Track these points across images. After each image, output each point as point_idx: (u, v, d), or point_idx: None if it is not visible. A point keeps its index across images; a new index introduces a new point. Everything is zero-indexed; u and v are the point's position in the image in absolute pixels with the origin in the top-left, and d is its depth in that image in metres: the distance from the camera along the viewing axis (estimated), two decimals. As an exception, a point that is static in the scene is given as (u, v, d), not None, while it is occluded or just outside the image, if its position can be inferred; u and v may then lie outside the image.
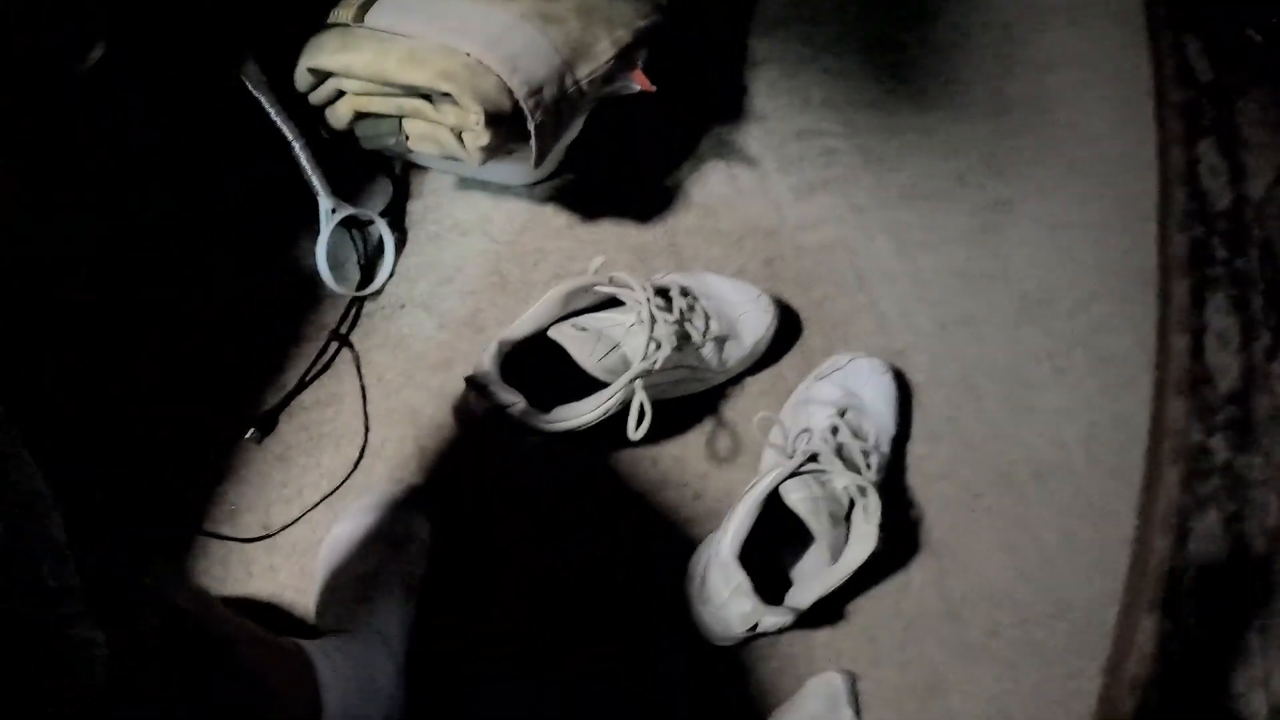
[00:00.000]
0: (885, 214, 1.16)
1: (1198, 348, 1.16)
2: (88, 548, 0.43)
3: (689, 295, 0.93)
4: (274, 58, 0.96)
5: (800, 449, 0.86)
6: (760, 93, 1.22)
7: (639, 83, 0.96)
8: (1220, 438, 1.11)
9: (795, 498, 0.82)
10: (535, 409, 0.84)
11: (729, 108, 1.20)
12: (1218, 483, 1.08)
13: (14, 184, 0.96)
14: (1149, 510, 1.06)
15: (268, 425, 0.96)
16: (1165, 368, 1.14)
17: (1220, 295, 1.21)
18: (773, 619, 0.80)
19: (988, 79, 1.29)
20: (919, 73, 1.28)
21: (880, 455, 0.92)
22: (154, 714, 0.50)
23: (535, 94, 0.88)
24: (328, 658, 0.73)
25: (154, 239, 1.02)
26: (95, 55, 0.84)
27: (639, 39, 0.96)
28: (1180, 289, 1.20)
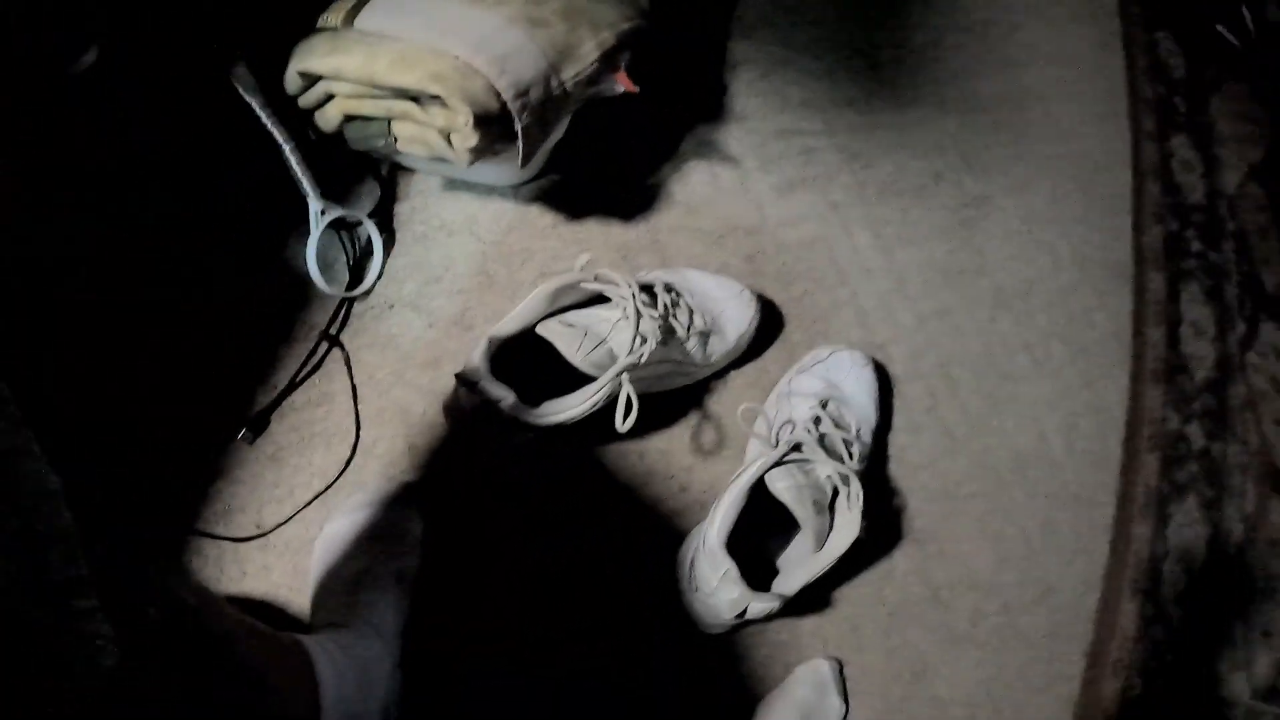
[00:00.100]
0: (864, 211, 1.17)
1: (1173, 338, 1.17)
2: (93, 542, 0.43)
3: (673, 291, 0.94)
4: (264, 61, 0.97)
5: (784, 439, 0.87)
6: (740, 93, 1.23)
7: (622, 84, 0.97)
8: (1197, 425, 1.13)
9: (780, 486, 0.83)
10: (524, 404, 0.85)
11: (710, 108, 1.21)
12: (1195, 469, 1.10)
13: (14, 184, 0.95)
14: (1128, 497, 1.07)
15: (260, 425, 0.96)
16: (1142, 358, 1.15)
17: (1195, 286, 1.23)
18: (760, 605, 0.81)
19: (963, 78, 1.30)
20: (896, 72, 1.29)
21: (862, 445, 0.93)
22: (158, 708, 0.50)
23: (522, 96, 0.88)
24: (325, 652, 0.73)
25: (145, 241, 1.02)
26: (88, 59, 0.85)
27: (622, 41, 0.97)
28: (1155, 281, 1.21)
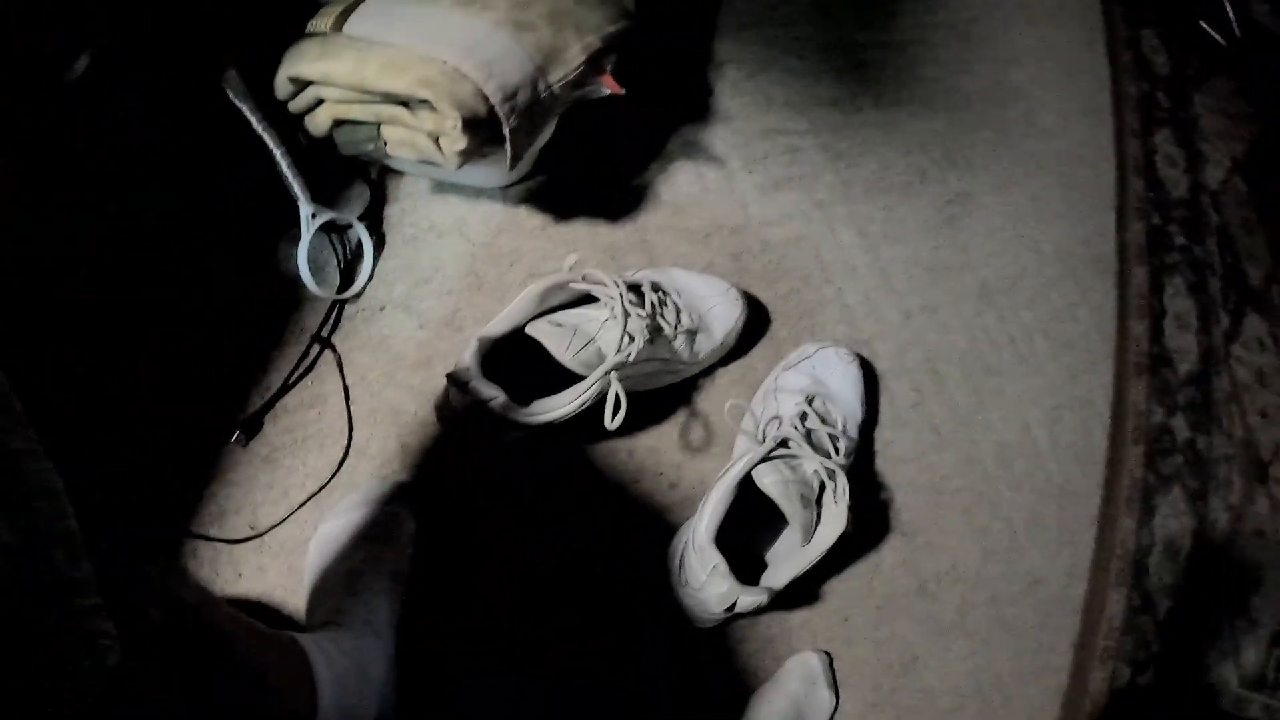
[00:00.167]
0: (849, 209, 1.18)
1: (1157, 331, 1.19)
2: (95, 542, 0.43)
3: (660, 290, 0.95)
4: (255, 67, 0.97)
5: (771, 435, 0.88)
6: (726, 93, 1.24)
7: (608, 86, 0.97)
8: (1181, 418, 1.14)
9: (767, 481, 0.84)
10: (514, 403, 0.85)
11: (696, 109, 1.22)
12: (1180, 461, 1.11)
13: (13, 184, 0.95)
14: (1113, 489, 1.08)
15: (253, 428, 0.96)
16: (1125, 351, 1.17)
17: (1179, 280, 1.24)
18: (749, 598, 0.82)
19: (947, 76, 1.31)
20: (879, 71, 1.31)
21: (848, 440, 0.94)
22: (159, 706, 0.51)
23: (510, 99, 0.89)
24: (321, 650, 0.74)
25: (138, 245, 1.02)
26: (82, 66, 0.85)
27: (608, 44, 0.97)
28: (1139, 275, 1.22)
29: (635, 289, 0.93)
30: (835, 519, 0.84)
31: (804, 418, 0.92)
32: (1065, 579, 1.03)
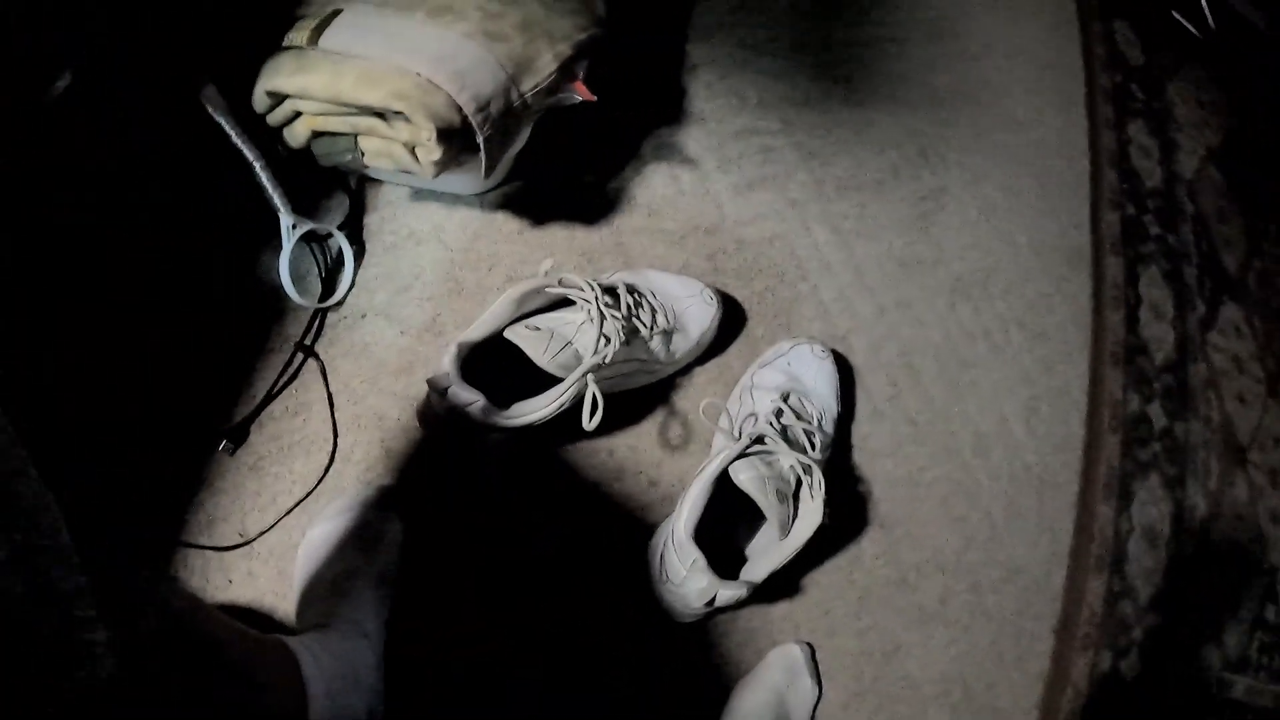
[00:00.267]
0: (822, 207, 1.19)
1: (1133, 320, 1.20)
2: (90, 553, 0.44)
3: (635, 292, 0.96)
4: (233, 81, 0.98)
5: (747, 432, 0.89)
6: (699, 95, 1.25)
7: (580, 93, 0.98)
8: (1158, 405, 1.15)
9: (744, 477, 0.85)
10: (494, 406, 0.86)
11: (669, 112, 1.23)
12: (1158, 448, 1.12)
13: None
14: (1091, 477, 1.10)
15: (240, 436, 0.97)
16: (1101, 341, 1.18)
17: (1153, 269, 1.25)
18: (729, 593, 0.83)
19: (919, 72, 1.33)
20: (851, 70, 1.32)
21: (824, 435, 0.95)
22: (154, 711, 0.51)
23: (483, 109, 0.90)
24: (310, 652, 0.74)
25: (122, 260, 1.02)
26: (62, 84, 0.86)
27: (579, 51, 0.98)
28: (1114, 265, 1.24)
29: (611, 291, 0.94)
30: (811, 513, 0.85)
31: (779, 414, 0.93)
32: (1045, 567, 1.04)
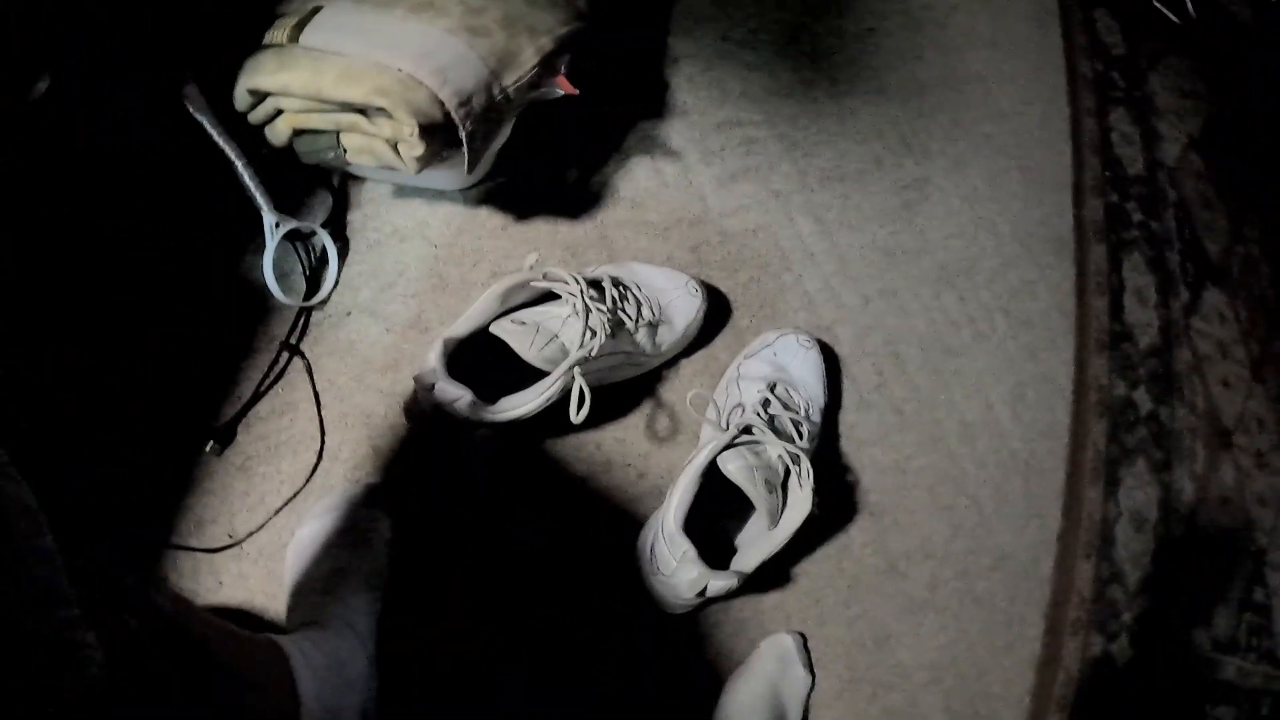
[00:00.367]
0: (806, 198, 1.19)
1: (1117, 306, 1.20)
2: (73, 555, 0.44)
3: (620, 285, 0.97)
4: (213, 80, 0.97)
5: (734, 422, 0.89)
6: (681, 88, 1.25)
7: (563, 87, 0.98)
8: (1144, 390, 1.16)
9: (732, 468, 0.85)
10: (481, 402, 0.86)
11: (652, 104, 1.23)
12: (1144, 433, 1.13)
13: None
14: (1078, 462, 1.10)
15: (227, 437, 0.96)
16: (1086, 327, 1.18)
17: (1137, 256, 1.26)
18: (719, 583, 0.83)
19: (901, 63, 1.33)
20: (834, 61, 1.32)
21: (811, 425, 0.96)
22: (143, 714, 0.51)
23: (465, 104, 0.89)
24: (301, 650, 0.74)
25: (104, 262, 1.02)
26: (41, 88, 0.86)
27: (561, 45, 0.98)
28: (1097, 252, 1.24)
29: (596, 285, 0.94)
30: (800, 502, 0.86)
31: (766, 404, 0.93)
32: (1034, 552, 1.05)
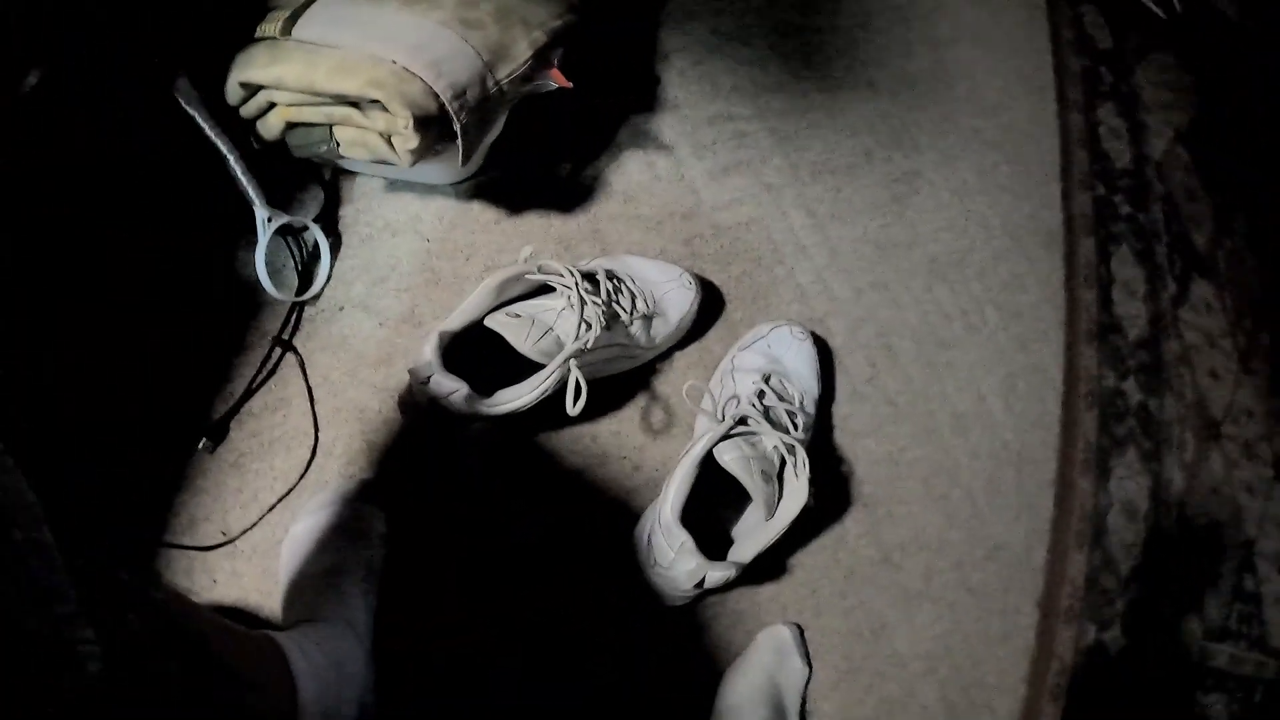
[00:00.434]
0: (797, 191, 1.20)
1: (1106, 299, 1.21)
2: (71, 552, 0.43)
3: (614, 278, 0.97)
4: (205, 74, 0.97)
5: (730, 414, 0.89)
6: (673, 82, 1.25)
7: (556, 80, 0.98)
8: (1133, 381, 1.16)
9: (728, 458, 0.85)
10: (477, 394, 0.86)
11: (644, 99, 1.23)
12: (1133, 423, 1.14)
13: None
14: (1069, 453, 1.11)
15: (219, 434, 0.96)
16: (1075, 319, 1.19)
17: (1125, 249, 1.27)
18: (717, 574, 0.83)
19: (891, 57, 1.33)
20: (824, 55, 1.32)
21: (806, 416, 0.96)
22: (142, 711, 0.50)
23: (459, 97, 0.90)
24: (298, 647, 0.74)
25: (96, 256, 1.01)
26: (31, 81, 0.85)
27: (554, 39, 0.98)
28: (1086, 245, 1.25)
29: (590, 277, 0.94)
30: (797, 493, 0.86)
31: (761, 395, 0.93)
32: (1027, 542, 1.05)
